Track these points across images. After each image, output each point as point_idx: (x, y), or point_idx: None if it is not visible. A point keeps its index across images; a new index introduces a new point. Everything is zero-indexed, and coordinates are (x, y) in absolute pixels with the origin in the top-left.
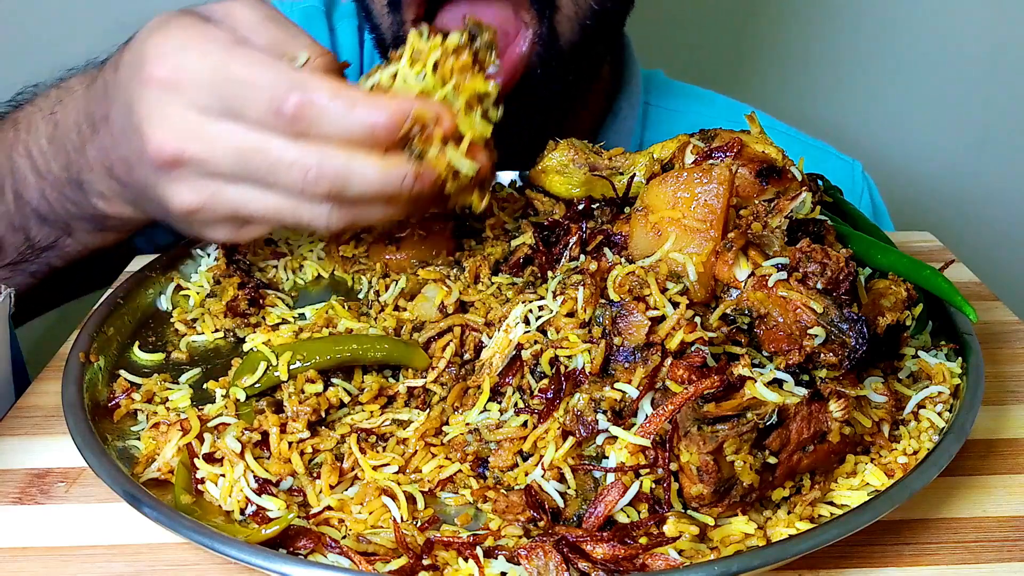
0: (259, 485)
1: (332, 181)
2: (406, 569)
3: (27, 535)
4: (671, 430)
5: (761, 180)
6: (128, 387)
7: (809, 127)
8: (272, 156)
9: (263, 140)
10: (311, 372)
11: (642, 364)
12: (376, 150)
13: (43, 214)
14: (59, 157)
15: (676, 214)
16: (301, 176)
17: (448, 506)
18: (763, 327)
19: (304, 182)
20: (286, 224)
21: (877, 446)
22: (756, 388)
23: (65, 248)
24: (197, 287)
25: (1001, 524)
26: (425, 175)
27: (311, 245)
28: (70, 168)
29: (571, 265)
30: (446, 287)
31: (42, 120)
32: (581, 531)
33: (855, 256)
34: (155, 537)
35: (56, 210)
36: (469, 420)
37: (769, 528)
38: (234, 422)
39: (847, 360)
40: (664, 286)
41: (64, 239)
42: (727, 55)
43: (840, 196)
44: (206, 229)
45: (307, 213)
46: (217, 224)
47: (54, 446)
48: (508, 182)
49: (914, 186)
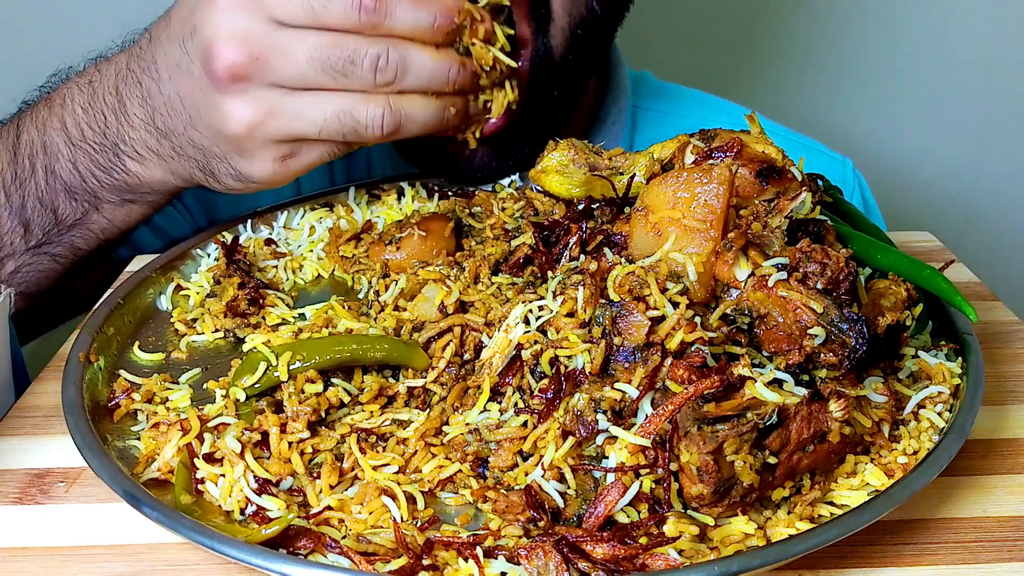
0: (259, 485)
1: (398, 70)
2: (406, 569)
3: (27, 535)
4: (671, 430)
5: (761, 180)
6: (128, 387)
7: (805, 128)
8: (349, 49)
9: (342, 37)
10: (311, 372)
11: (642, 364)
12: (430, 44)
13: (72, 187)
14: (95, 123)
15: (676, 214)
16: (372, 67)
17: (448, 506)
18: (763, 327)
19: (376, 72)
20: (337, 137)
21: (877, 446)
22: (756, 388)
23: (90, 225)
24: (197, 287)
25: (1001, 524)
26: (467, 66)
27: (312, 244)
28: (107, 132)
29: (571, 265)
30: (446, 287)
31: (78, 90)
32: (581, 531)
33: (855, 256)
34: (155, 537)
35: (86, 181)
36: (469, 420)
37: (769, 528)
38: (234, 422)
39: (847, 360)
40: (664, 286)
41: (91, 213)
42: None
43: (840, 196)
44: (252, 160)
45: (364, 115)
46: (266, 150)
47: (54, 446)
48: (508, 182)
49: (914, 186)
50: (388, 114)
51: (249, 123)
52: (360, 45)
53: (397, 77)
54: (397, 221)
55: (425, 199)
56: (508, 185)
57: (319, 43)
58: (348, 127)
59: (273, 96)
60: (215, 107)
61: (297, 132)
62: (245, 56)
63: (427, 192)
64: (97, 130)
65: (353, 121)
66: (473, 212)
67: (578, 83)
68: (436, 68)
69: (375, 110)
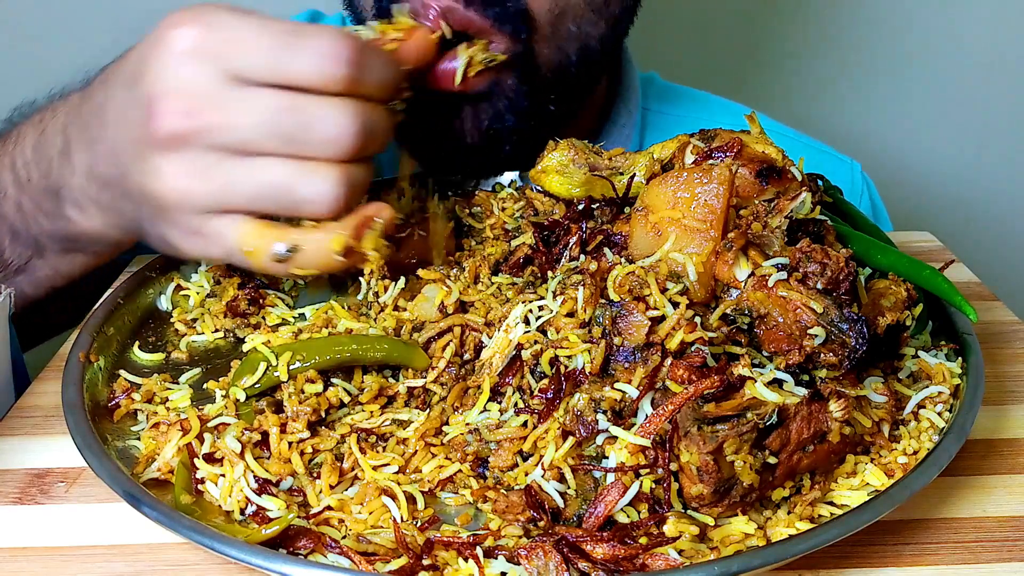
0: (259, 485)
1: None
2: (406, 569)
3: (27, 535)
4: (671, 430)
5: (761, 180)
6: (128, 387)
7: (808, 128)
8: (307, 114)
9: (301, 100)
10: (311, 372)
11: (642, 364)
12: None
13: (17, 229)
14: (41, 163)
15: (676, 214)
16: (326, 136)
17: (448, 506)
18: (763, 327)
19: (336, 136)
20: (270, 211)
21: (877, 446)
22: (756, 388)
23: (36, 273)
24: (197, 287)
25: (1001, 524)
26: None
27: None
28: (50, 175)
29: (571, 265)
30: (446, 287)
31: (31, 129)
32: (581, 531)
33: (855, 256)
34: (155, 537)
35: (29, 224)
36: (469, 420)
37: (769, 528)
38: (234, 422)
39: (847, 360)
40: (664, 286)
41: (35, 260)
42: (725, 57)
43: (840, 196)
44: (176, 228)
45: (307, 188)
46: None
47: (54, 446)
48: (508, 182)
49: (914, 186)
50: (336, 188)
51: (180, 189)
52: (320, 110)
53: (362, 148)
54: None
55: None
56: (508, 185)
57: (270, 105)
58: (285, 201)
59: (210, 159)
60: (148, 164)
61: (226, 202)
62: (188, 116)
63: (427, 192)
64: (42, 173)
65: (291, 195)
66: (473, 212)
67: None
68: (389, 132)
69: (321, 185)
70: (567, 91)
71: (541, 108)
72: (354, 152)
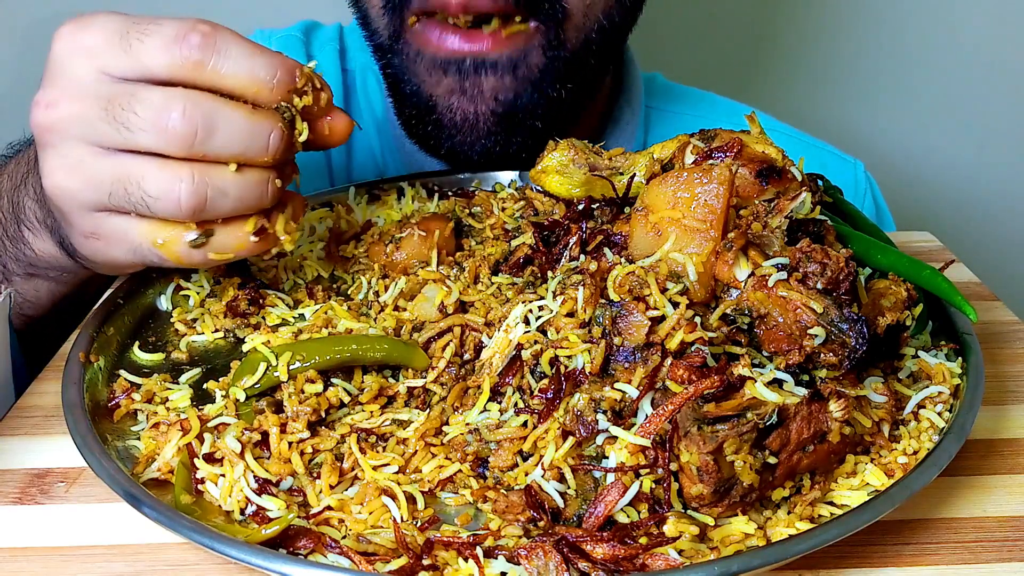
0: (259, 485)
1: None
2: (406, 569)
3: (27, 535)
4: (671, 430)
5: (761, 180)
6: (128, 387)
7: (810, 127)
8: (137, 98)
9: (135, 86)
10: (311, 372)
11: (642, 364)
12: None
13: None
14: (7, 188)
15: (676, 214)
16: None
17: (448, 506)
18: (763, 327)
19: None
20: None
21: (877, 446)
22: (756, 388)
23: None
24: (197, 287)
25: (1001, 524)
26: (286, 136)
27: (311, 245)
28: (14, 199)
29: (571, 265)
30: (446, 287)
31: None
32: (581, 531)
33: (855, 256)
34: (155, 537)
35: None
36: (469, 420)
37: (769, 528)
38: (234, 422)
39: (847, 360)
40: (664, 286)
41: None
42: (728, 58)
43: (840, 196)
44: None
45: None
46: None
47: (54, 446)
48: (508, 182)
49: (914, 186)
50: (188, 185)
51: (59, 185)
52: (149, 97)
53: (197, 140)
54: (397, 221)
55: (425, 199)
56: (508, 185)
57: (110, 94)
58: (135, 198)
59: (80, 153)
60: (40, 164)
61: (96, 200)
62: (50, 107)
63: (427, 192)
64: (9, 198)
65: (139, 191)
66: (473, 212)
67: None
68: (253, 131)
69: (167, 183)
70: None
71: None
72: (183, 144)
